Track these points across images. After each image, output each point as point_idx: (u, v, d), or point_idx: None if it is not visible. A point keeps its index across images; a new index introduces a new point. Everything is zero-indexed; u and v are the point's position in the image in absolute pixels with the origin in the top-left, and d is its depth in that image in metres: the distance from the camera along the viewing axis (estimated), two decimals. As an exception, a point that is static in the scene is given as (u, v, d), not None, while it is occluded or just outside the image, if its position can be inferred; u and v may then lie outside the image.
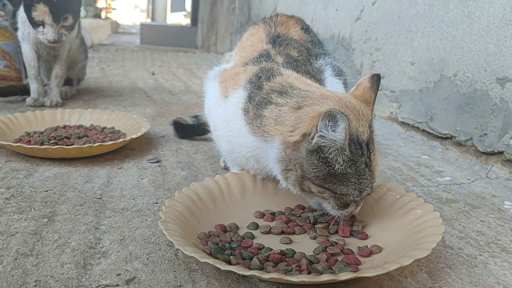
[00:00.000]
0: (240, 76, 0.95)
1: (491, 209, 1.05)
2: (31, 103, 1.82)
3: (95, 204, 0.96)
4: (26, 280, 0.67)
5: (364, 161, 0.77)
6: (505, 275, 0.76)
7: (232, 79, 0.97)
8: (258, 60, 0.98)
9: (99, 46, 5.12)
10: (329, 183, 0.77)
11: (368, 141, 0.78)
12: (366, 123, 0.80)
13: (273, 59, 0.98)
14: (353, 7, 2.13)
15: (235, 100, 0.91)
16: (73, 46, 2.03)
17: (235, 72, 0.99)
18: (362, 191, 0.78)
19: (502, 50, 1.27)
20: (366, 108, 0.82)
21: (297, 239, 0.82)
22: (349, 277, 0.63)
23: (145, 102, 2.11)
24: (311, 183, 0.78)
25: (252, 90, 0.89)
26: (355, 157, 0.76)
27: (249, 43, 1.08)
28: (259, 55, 1.00)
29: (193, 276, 0.71)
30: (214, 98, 1.01)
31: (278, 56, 1.00)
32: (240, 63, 1.01)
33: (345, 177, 0.76)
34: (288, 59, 1.00)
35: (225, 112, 0.94)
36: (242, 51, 1.07)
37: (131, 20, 17.86)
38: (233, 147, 0.94)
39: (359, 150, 0.77)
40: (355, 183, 0.77)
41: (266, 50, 1.02)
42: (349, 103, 0.81)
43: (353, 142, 0.76)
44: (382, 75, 1.89)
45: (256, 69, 0.94)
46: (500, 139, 1.27)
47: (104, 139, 1.34)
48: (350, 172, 0.76)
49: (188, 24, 7.28)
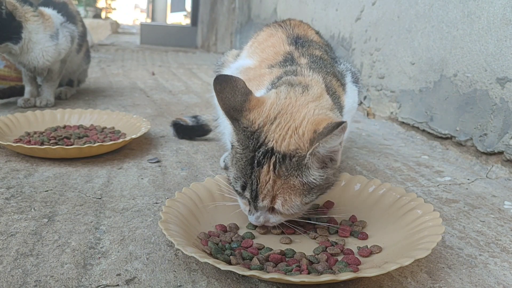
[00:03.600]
0: (265, 78, 0.95)
1: (491, 209, 1.05)
2: (22, 104, 1.83)
3: (95, 204, 0.96)
4: (26, 280, 0.67)
5: (250, 156, 0.75)
6: (505, 275, 0.76)
7: (256, 80, 0.96)
8: (283, 64, 0.97)
9: (99, 46, 5.12)
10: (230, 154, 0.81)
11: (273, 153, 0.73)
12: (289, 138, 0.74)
13: (297, 62, 0.97)
14: (353, 7, 2.13)
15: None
16: (74, 59, 2.04)
17: (260, 73, 0.98)
18: (237, 182, 0.77)
19: (502, 50, 1.27)
20: (309, 131, 0.74)
21: (297, 239, 0.82)
22: (349, 277, 0.63)
23: (145, 102, 2.11)
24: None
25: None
26: (244, 141, 0.76)
27: (270, 44, 1.07)
28: (284, 59, 0.99)
29: (193, 276, 0.71)
30: None
31: (302, 57, 0.99)
32: (265, 64, 1.00)
33: (234, 154, 0.78)
34: (313, 59, 0.98)
35: None
36: (263, 52, 1.06)
37: (131, 20, 17.86)
38: None
39: (251, 142, 0.75)
40: (235, 166, 0.78)
41: (290, 52, 1.01)
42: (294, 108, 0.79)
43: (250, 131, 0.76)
44: (382, 75, 1.89)
45: (281, 71, 0.94)
46: (500, 139, 1.27)
47: (104, 139, 1.34)
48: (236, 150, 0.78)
49: (188, 24, 7.29)
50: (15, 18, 1.67)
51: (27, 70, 1.85)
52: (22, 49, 1.72)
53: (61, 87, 2.09)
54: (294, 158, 0.73)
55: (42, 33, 1.75)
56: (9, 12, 1.64)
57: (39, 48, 1.75)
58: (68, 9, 1.97)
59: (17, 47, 1.69)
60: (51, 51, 1.77)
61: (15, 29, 1.67)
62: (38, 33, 1.73)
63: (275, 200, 0.75)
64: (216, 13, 5.34)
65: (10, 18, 1.65)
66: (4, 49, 1.68)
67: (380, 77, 1.91)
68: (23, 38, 1.70)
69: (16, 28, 1.67)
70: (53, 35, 1.78)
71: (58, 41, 1.80)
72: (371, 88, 1.97)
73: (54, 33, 1.79)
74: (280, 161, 0.73)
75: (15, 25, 1.67)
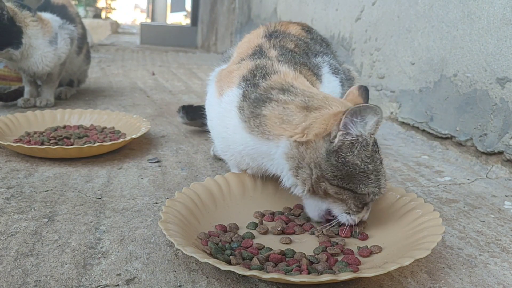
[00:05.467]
0: (234, 74, 0.94)
1: (491, 209, 1.04)
2: (22, 104, 1.83)
3: (95, 204, 0.96)
4: (26, 280, 0.67)
5: (379, 157, 0.79)
6: (505, 275, 0.76)
7: (226, 77, 0.96)
8: (252, 57, 0.97)
9: (99, 46, 5.12)
10: (350, 182, 0.77)
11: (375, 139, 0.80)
12: None
13: (266, 54, 0.97)
14: (353, 7, 2.13)
15: (230, 98, 0.91)
16: (74, 61, 2.04)
17: (229, 70, 0.98)
18: (380, 188, 0.79)
19: (502, 50, 1.27)
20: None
21: (297, 239, 0.82)
22: (349, 277, 0.63)
23: (145, 102, 2.11)
24: (329, 183, 0.77)
25: (246, 88, 0.89)
26: (374, 153, 0.78)
27: (246, 40, 1.09)
28: (253, 52, 0.99)
29: (193, 276, 0.71)
30: (211, 97, 1.01)
31: (272, 49, 0.99)
32: (236, 60, 1.01)
33: (365, 174, 0.77)
34: (283, 51, 0.99)
35: (220, 110, 0.94)
36: (239, 48, 1.08)
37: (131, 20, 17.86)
38: (228, 144, 0.93)
39: (375, 147, 0.79)
40: (374, 180, 0.78)
41: (260, 44, 1.01)
42: (348, 104, 0.82)
43: (374, 138, 0.78)
44: (382, 75, 1.89)
45: (250, 65, 0.94)
46: (500, 139, 1.27)
47: (104, 139, 1.34)
48: (370, 168, 0.77)
49: (188, 24, 7.29)
50: (15, 23, 1.66)
51: (27, 75, 1.85)
52: (22, 54, 1.71)
53: (61, 87, 2.09)
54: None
55: (41, 38, 1.74)
56: (10, 17, 1.64)
57: (39, 54, 1.74)
58: (67, 12, 1.97)
59: (18, 52, 1.69)
60: (50, 56, 1.77)
61: (15, 35, 1.66)
62: (37, 39, 1.73)
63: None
64: (216, 13, 5.34)
65: (11, 23, 1.65)
66: (5, 55, 1.68)
67: (380, 77, 1.91)
68: (23, 44, 1.69)
69: (17, 33, 1.67)
70: (52, 40, 1.78)
71: (57, 45, 1.79)
72: (371, 88, 1.97)
73: (53, 38, 1.78)
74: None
75: (16, 30, 1.66)
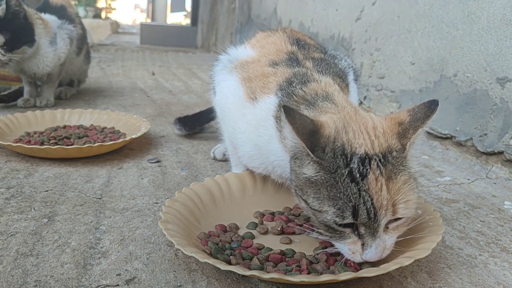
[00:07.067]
0: (270, 79, 0.89)
1: (491, 209, 1.05)
2: (22, 104, 1.83)
3: (95, 204, 0.96)
4: (26, 280, 0.67)
5: (347, 173, 0.65)
6: (505, 275, 0.76)
7: (259, 80, 0.90)
8: (289, 64, 0.92)
9: (99, 46, 5.12)
10: (305, 193, 0.69)
11: (370, 157, 0.66)
12: (375, 139, 0.69)
13: (303, 64, 0.92)
14: (353, 7, 2.13)
15: (267, 106, 0.86)
16: (74, 61, 2.03)
17: (263, 72, 0.92)
18: (344, 211, 0.64)
19: (502, 50, 1.27)
20: (389, 127, 0.72)
21: (297, 239, 0.82)
22: (349, 277, 0.63)
23: (145, 102, 2.11)
24: (295, 192, 0.72)
25: (282, 98, 0.84)
26: (329, 164, 0.66)
27: (270, 41, 1.02)
28: (289, 58, 0.93)
29: (193, 276, 0.71)
30: (235, 97, 0.94)
31: (306, 60, 0.94)
32: (267, 60, 0.95)
33: (317, 186, 0.67)
34: (316, 62, 0.94)
35: (254, 117, 0.88)
36: (263, 48, 1.01)
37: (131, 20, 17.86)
38: (261, 153, 0.88)
39: (339, 160, 0.66)
40: (331, 197, 0.65)
41: (294, 52, 0.96)
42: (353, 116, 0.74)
43: (331, 148, 0.67)
44: (382, 75, 1.89)
45: (289, 72, 0.89)
46: (500, 139, 1.27)
47: (104, 139, 1.34)
48: (321, 180, 0.66)
49: (188, 24, 7.29)
50: (28, 20, 1.66)
51: (27, 77, 1.85)
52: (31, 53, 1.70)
53: (61, 87, 2.09)
54: (393, 153, 0.68)
55: (43, 38, 1.74)
56: (25, 15, 1.64)
57: (40, 54, 1.74)
58: (67, 13, 1.96)
59: (32, 50, 1.69)
60: (50, 56, 1.77)
61: (30, 32, 1.67)
62: (41, 38, 1.73)
63: (397, 206, 0.65)
64: (216, 13, 5.33)
65: (25, 20, 1.65)
66: (21, 53, 1.66)
67: (380, 77, 1.91)
68: (36, 41, 1.69)
69: (31, 30, 1.67)
70: (52, 40, 1.77)
71: (57, 46, 1.79)
72: (371, 88, 1.97)
73: (53, 38, 1.78)
74: (382, 161, 0.66)
75: (29, 28, 1.67)
